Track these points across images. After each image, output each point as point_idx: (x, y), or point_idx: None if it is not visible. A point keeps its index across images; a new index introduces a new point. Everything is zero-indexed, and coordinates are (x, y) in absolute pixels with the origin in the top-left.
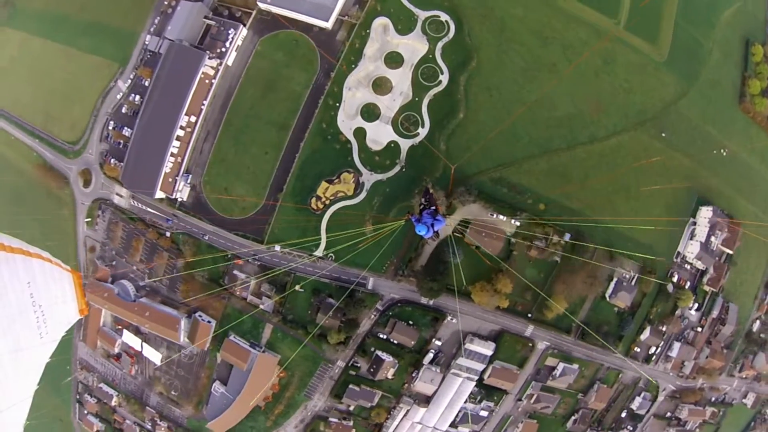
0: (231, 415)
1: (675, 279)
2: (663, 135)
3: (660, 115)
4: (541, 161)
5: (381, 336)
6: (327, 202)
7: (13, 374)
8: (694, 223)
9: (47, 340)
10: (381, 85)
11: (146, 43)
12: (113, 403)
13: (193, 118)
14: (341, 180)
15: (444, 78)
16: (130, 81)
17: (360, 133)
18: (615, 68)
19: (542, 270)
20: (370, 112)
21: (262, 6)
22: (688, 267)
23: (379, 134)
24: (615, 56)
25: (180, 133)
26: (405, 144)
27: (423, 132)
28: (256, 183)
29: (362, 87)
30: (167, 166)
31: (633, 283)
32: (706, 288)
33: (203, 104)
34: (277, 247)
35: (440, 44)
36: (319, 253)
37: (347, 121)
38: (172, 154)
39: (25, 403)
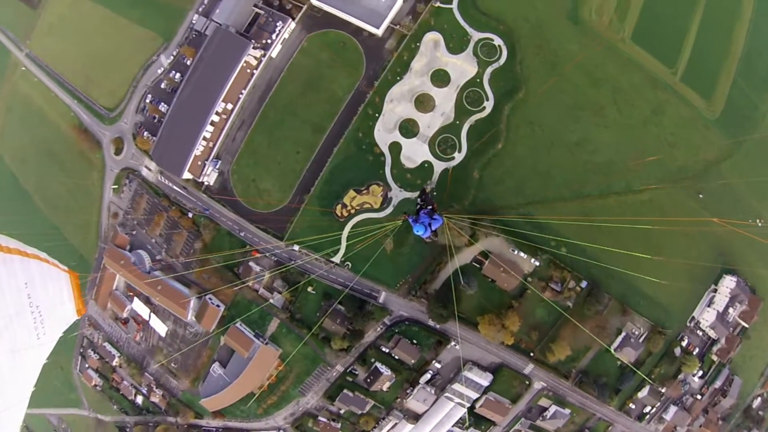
0: (225, 397)
1: (684, 343)
2: (700, 196)
3: (700, 174)
4: (571, 205)
5: (383, 349)
6: (352, 211)
7: (10, 376)
8: (715, 291)
9: (44, 341)
10: (424, 102)
11: (193, 22)
12: (114, 363)
13: (229, 106)
14: (369, 191)
15: (488, 105)
16: (172, 57)
17: (395, 147)
18: (663, 120)
19: (552, 313)
20: (408, 129)
21: (314, 2)
22: (700, 333)
23: (415, 152)
24: (665, 107)
25: (215, 118)
26: (439, 166)
27: (459, 157)
28: (284, 180)
29: (404, 101)
30: (198, 149)
31: (641, 340)
32: (714, 357)
33: (242, 93)
34: (296, 247)
35: (490, 69)
36: (336, 259)
37: (384, 134)
38: (204, 138)
39: (22, 404)
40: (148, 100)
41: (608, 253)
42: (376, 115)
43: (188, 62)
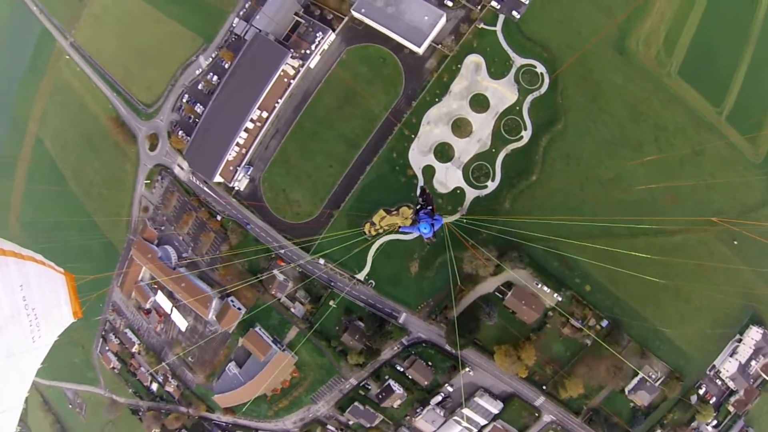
0: (238, 395)
1: (701, 391)
2: (735, 242)
3: (737, 219)
4: (599, 242)
5: (398, 367)
6: (380, 230)
7: (5, 380)
8: (739, 341)
9: (40, 345)
10: (461, 127)
11: (233, 25)
12: (133, 350)
13: (264, 114)
14: (400, 213)
15: (526, 135)
16: (211, 59)
17: (429, 171)
18: (703, 160)
19: (570, 348)
20: (443, 153)
21: (356, 14)
22: (719, 383)
23: (448, 177)
24: (707, 148)
25: (249, 125)
26: (471, 193)
27: (492, 185)
28: (315, 193)
29: (441, 124)
30: (231, 154)
31: (657, 384)
32: (731, 408)
33: (278, 102)
34: (321, 261)
35: (530, 97)
36: (360, 276)
37: (419, 156)
38: (238, 144)
39: (16, 410)
40: (184, 100)
41: (634, 297)
42: (412, 136)
43: (226, 65)
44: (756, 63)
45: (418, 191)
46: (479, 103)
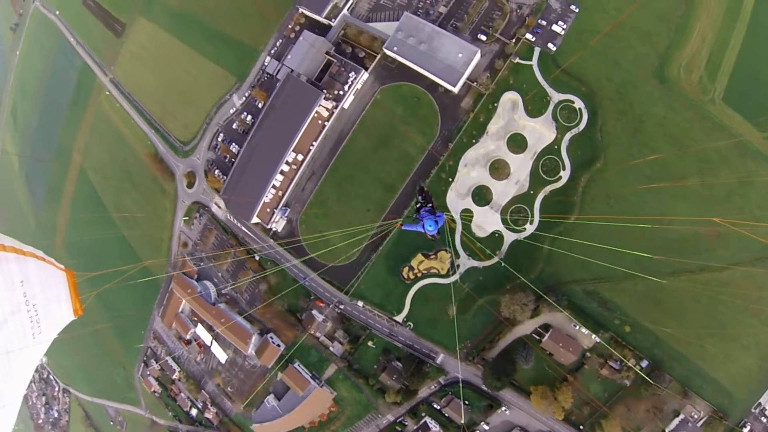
0: (276, 426)
1: (746, 430)
2: None
3: None
4: (640, 283)
5: (435, 405)
6: (418, 274)
7: (3, 376)
8: None
9: (39, 341)
10: (499, 169)
11: (265, 64)
12: (174, 377)
13: (300, 156)
14: (437, 257)
15: (565, 175)
16: (244, 98)
17: (467, 215)
18: (750, 191)
19: (608, 389)
20: (481, 196)
21: (388, 52)
22: (764, 421)
23: (486, 221)
24: (753, 177)
25: (285, 168)
26: (509, 237)
27: (530, 229)
28: (353, 236)
29: (479, 166)
30: (267, 196)
31: (699, 424)
32: None
33: (312, 145)
34: (360, 303)
35: (569, 135)
36: (399, 319)
37: (456, 200)
38: (274, 186)
39: (14, 406)
40: (220, 139)
41: (676, 337)
42: (450, 179)
43: (260, 105)
44: None
45: (417, 189)
46: (517, 143)
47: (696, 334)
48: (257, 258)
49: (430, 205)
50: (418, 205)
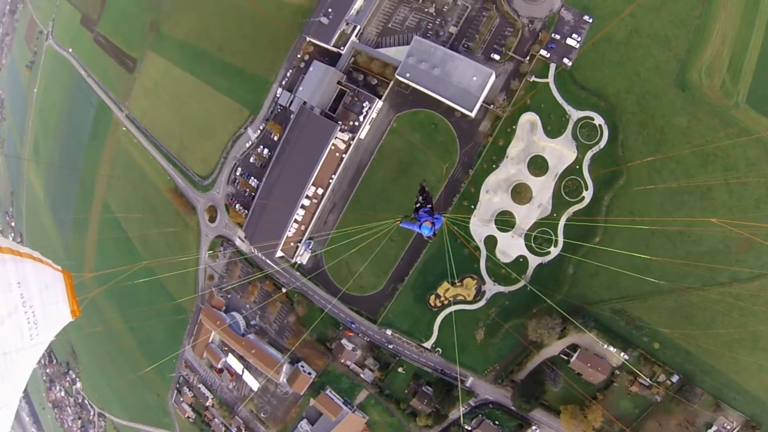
0: None
1: None
2: None
3: None
4: (669, 299)
5: (466, 427)
6: (445, 301)
7: (0, 377)
8: None
9: (37, 342)
10: (521, 193)
11: (277, 95)
12: (207, 403)
13: (320, 190)
14: (463, 284)
15: (588, 195)
16: (259, 131)
17: (491, 241)
18: None
19: (638, 405)
20: (504, 221)
21: (401, 78)
22: None
23: (510, 247)
24: None
25: (305, 202)
26: (534, 261)
27: (554, 251)
28: (378, 267)
29: (501, 191)
30: (290, 231)
31: None
32: None
33: (332, 178)
34: (389, 332)
35: (590, 153)
36: (427, 345)
37: (480, 227)
38: (296, 221)
39: (11, 407)
40: (238, 173)
41: (708, 351)
42: (472, 207)
43: (275, 137)
44: None
45: (418, 188)
46: (537, 165)
47: (728, 347)
48: (284, 290)
49: (430, 206)
50: (417, 205)
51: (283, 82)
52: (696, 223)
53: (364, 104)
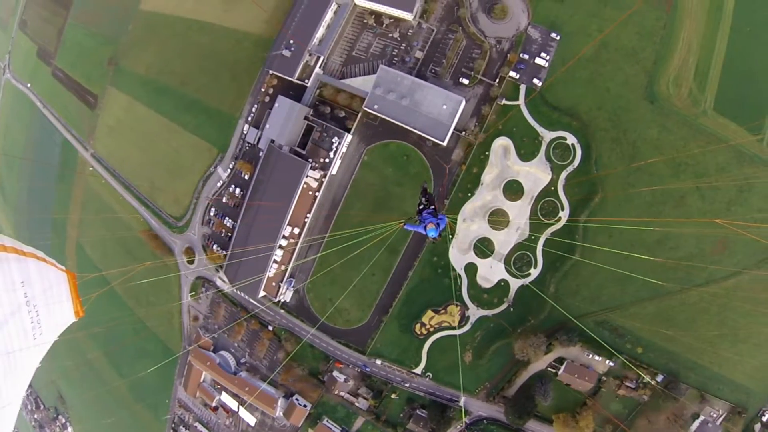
0: None
1: (765, 419)
2: None
3: None
4: (650, 305)
5: None
6: (431, 329)
7: (4, 376)
8: None
9: (40, 342)
10: (498, 219)
11: (244, 132)
12: None
13: (296, 230)
14: (447, 311)
15: (564, 215)
16: (229, 170)
17: (471, 269)
18: (750, 198)
19: (627, 406)
20: (483, 248)
21: (368, 109)
22: None
23: (491, 272)
24: (752, 183)
25: (283, 242)
26: (515, 284)
27: (535, 273)
28: (362, 300)
29: (478, 218)
30: (270, 271)
31: (718, 422)
32: None
33: (307, 217)
34: (378, 361)
35: (564, 174)
36: (417, 371)
37: (459, 255)
38: (275, 261)
39: (14, 406)
40: (212, 213)
41: (690, 349)
42: (450, 236)
43: (246, 176)
44: None
45: (420, 190)
46: (513, 190)
47: (710, 343)
48: (271, 328)
49: (433, 207)
50: (420, 207)
51: (249, 118)
52: (670, 235)
53: (334, 140)
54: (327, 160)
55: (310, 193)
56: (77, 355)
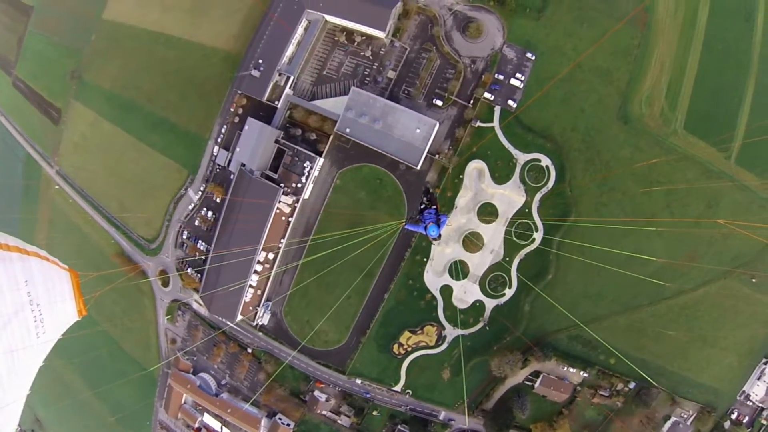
0: None
1: (734, 416)
2: (753, 280)
3: (755, 258)
4: (621, 318)
5: None
6: (408, 349)
7: (7, 375)
8: (766, 363)
9: (44, 340)
10: (472, 241)
11: (214, 154)
12: None
13: (270, 255)
14: (424, 332)
15: (537, 236)
16: (200, 193)
17: (446, 290)
18: (718, 211)
19: (602, 412)
20: (458, 270)
21: (340, 132)
22: (749, 404)
23: (466, 293)
24: (719, 197)
25: (258, 267)
26: (490, 303)
27: (509, 293)
28: (339, 322)
29: (452, 241)
30: (246, 296)
31: (689, 422)
32: (764, 422)
33: (281, 243)
34: (358, 381)
35: (538, 195)
36: (397, 389)
37: (434, 279)
38: (251, 286)
39: (18, 404)
40: (185, 237)
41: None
42: (425, 260)
43: (217, 200)
44: (760, 91)
45: (423, 190)
46: (487, 212)
47: (680, 349)
48: (250, 350)
49: (434, 207)
50: (422, 207)
51: (219, 140)
52: (642, 251)
53: (305, 164)
54: (299, 185)
55: (283, 218)
56: (57, 383)
